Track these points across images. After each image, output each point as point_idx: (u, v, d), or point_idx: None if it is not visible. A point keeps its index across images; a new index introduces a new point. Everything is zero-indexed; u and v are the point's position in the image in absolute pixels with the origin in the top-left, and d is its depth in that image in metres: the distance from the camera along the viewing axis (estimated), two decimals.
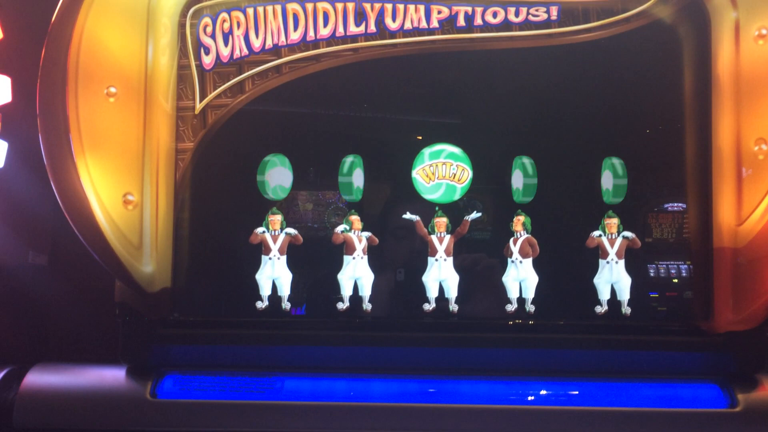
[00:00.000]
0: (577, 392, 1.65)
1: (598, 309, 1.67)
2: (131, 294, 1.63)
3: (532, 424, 1.59)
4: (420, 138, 1.72)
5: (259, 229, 1.69)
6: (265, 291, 1.68)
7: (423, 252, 1.69)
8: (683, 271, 1.69)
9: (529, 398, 1.64)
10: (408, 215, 1.69)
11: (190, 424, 1.60)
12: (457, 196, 1.71)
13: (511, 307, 1.68)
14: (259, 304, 1.68)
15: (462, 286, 1.68)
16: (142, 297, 1.62)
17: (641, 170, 1.71)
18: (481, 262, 1.71)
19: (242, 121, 1.72)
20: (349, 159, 1.71)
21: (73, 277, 1.84)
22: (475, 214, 1.69)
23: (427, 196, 1.71)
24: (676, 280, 1.69)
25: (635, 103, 1.70)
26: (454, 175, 1.70)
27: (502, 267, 1.69)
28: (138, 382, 1.64)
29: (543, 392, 1.65)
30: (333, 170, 1.73)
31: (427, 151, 1.72)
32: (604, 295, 1.68)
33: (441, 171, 1.70)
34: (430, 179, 1.69)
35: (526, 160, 1.70)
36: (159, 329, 1.65)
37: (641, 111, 1.70)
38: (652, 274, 1.70)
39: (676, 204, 1.70)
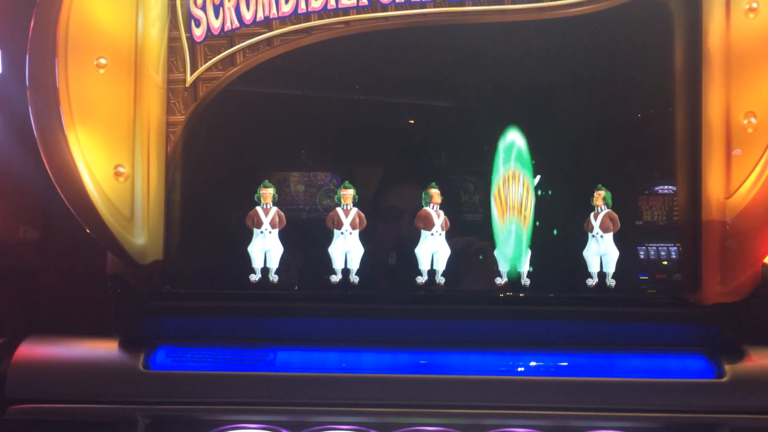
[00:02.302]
0: (566, 363, 1.67)
1: (589, 282, 1.69)
2: (123, 266, 1.63)
3: (522, 395, 1.61)
4: (412, 122, 1.73)
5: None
6: (258, 263, 1.68)
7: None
8: (673, 254, 1.70)
9: (519, 369, 1.66)
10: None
11: (183, 394, 1.61)
12: None
13: (501, 281, 1.69)
14: (252, 277, 1.68)
15: (452, 262, 1.68)
16: (134, 269, 1.63)
17: (632, 147, 1.71)
18: (473, 244, 1.71)
19: (233, 93, 1.71)
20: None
21: (64, 251, 1.84)
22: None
23: None
24: (665, 263, 1.70)
25: (625, 77, 1.70)
26: None
27: (493, 244, 1.70)
28: (131, 354, 1.64)
29: (533, 363, 1.67)
30: (325, 148, 1.73)
31: None
32: (594, 267, 1.69)
33: None
34: None
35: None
36: (151, 301, 1.66)
37: (631, 85, 1.70)
38: (642, 257, 1.70)
39: (666, 186, 1.71)
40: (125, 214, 1.60)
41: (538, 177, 1.68)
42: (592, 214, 1.68)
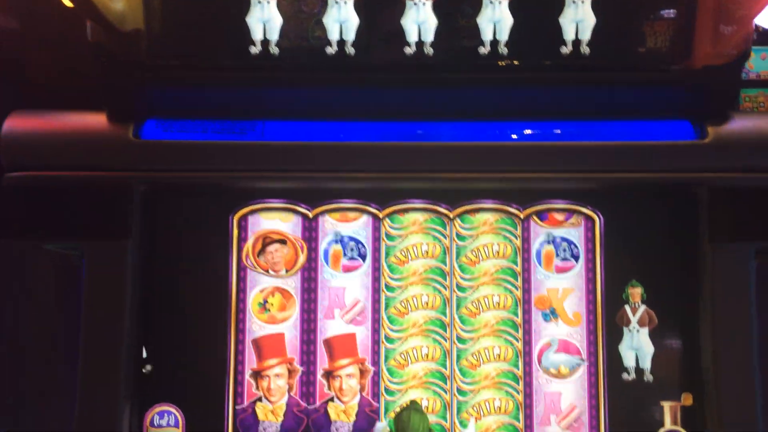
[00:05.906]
0: (559, 131, 1.68)
1: (563, 50, 1.63)
2: (104, 34, 1.58)
3: (516, 159, 1.66)
4: None
5: None
6: (257, 35, 1.61)
7: None
8: (666, 14, 1.63)
9: (513, 136, 1.68)
10: None
11: (172, 163, 1.63)
12: None
13: (484, 50, 1.65)
14: (252, 49, 1.62)
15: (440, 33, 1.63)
16: (114, 36, 1.58)
17: None
18: None
19: None
20: None
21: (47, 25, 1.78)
22: None
23: None
24: (659, 23, 1.63)
25: None
26: None
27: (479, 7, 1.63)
28: (120, 125, 1.64)
29: (527, 132, 1.69)
30: None
31: None
32: (569, 35, 1.62)
33: None
34: None
35: None
36: (138, 72, 1.62)
37: None
38: (633, 17, 1.63)
39: None
40: None
41: None
42: None
